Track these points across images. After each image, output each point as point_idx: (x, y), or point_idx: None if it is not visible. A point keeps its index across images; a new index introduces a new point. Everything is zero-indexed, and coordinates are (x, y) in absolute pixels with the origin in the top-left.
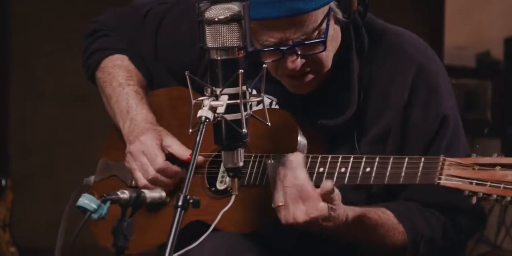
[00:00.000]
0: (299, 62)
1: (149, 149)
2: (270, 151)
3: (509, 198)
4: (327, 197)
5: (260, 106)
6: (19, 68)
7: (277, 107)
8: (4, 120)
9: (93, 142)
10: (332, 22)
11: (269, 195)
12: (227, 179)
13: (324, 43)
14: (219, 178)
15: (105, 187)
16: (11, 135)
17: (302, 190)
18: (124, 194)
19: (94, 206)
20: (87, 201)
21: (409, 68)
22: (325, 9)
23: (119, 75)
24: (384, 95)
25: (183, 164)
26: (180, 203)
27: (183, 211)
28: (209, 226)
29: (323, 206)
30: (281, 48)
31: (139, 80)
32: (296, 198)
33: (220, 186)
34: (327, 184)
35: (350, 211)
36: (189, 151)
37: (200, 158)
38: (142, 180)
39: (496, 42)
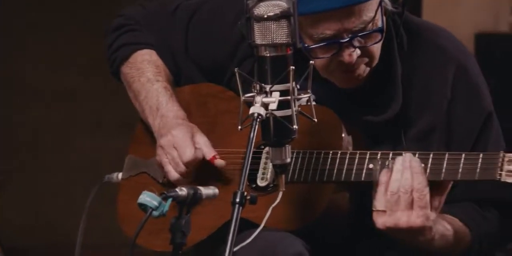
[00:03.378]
0: (355, 54)
1: (180, 142)
2: (313, 148)
3: None
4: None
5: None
6: (2, 65)
7: (314, 103)
8: None
9: (77, 141)
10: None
11: (316, 192)
12: (269, 175)
13: (382, 32)
14: (259, 175)
15: (135, 184)
16: None
17: (420, 196)
18: (183, 191)
19: (156, 203)
20: (148, 198)
21: (449, 65)
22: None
23: (148, 71)
24: (425, 91)
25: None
26: (238, 200)
27: (240, 208)
28: (252, 223)
29: (433, 215)
30: (341, 40)
31: (167, 76)
32: (407, 204)
33: (261, 183)
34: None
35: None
36: (214, 151)
37: (221, 162)
38: (173, 173)
39: (467, 37)
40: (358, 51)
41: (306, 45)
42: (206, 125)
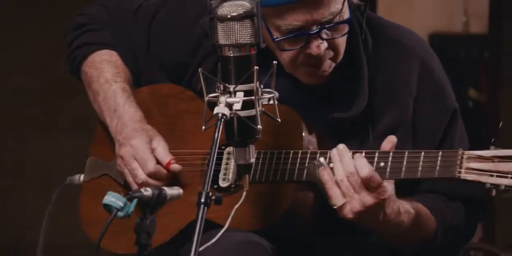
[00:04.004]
0: (323, 47)
1: (140, 154)
2: (274, 148)
3: None
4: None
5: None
6: None
7: (276, 102)
8: None
9: (28, 141)
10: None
11: (279, 192)
12: (231, 176)
13: (350, 23)
14: (221, 176)
15: (96, 186)
16: None
17: (367, 175)
18: (147, 192)
19: (121, 204)
20: (113, 199)
21: (413, 63)
22: None
23: (107, 71)
24: (391, 89)
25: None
26: (203, 200)
27: (205, 208)
28: (213, 224)
29: (390, 187)
30: (310, 32)
31: (127, 76)
32: (360, 185)
33: (223, 184)
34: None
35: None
36: (170, 157)
37: (176, 167)
38: (133, 185)
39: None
40: (325, 44)
41: (275, 37)
42: (166, 126)
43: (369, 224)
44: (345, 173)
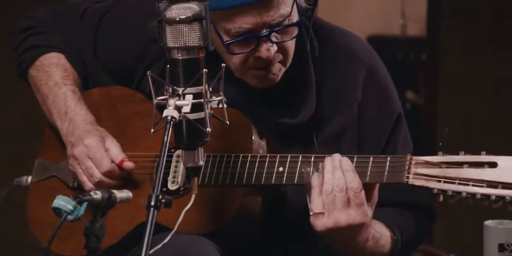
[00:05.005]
0: (273, 50)
1: (94, 152)
2: (224, 151)
3: (478, 196)
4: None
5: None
6: None
7: (225, 106)
8: None
9: None
10: None
11: (227, 196)
12: (179, 179)
13: (299, 26)
14: (170, 179)
15: (44, 188)
16: None
17: (355, 194)
18: (97, 195)
19: (70, 207)
20: (63, 202)
21: (359, 68)
22: None
23: (55, 74)
24: (337, 94)
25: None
26: (153, 203)
27: (156, 211)
28: (162, 227)
29: (371, 212)
30: (260, 35)
31: (76, 79)
32: (344, 202)
33: (172, 187)
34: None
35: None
36: (123, 155)
37: (129, 165)
38: (87, 184)
39: None
40: (275, 47)
41: (225, 40)
42: (116, 128)
43: (334, 243)
44: (334, 187)
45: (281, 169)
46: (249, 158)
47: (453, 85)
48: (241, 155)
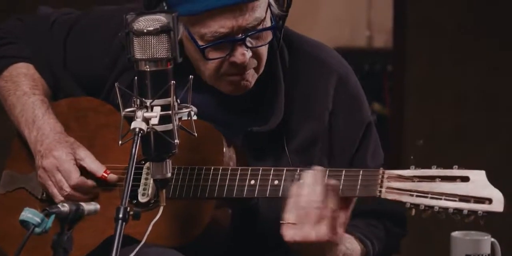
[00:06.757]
0: (248, 55)
1: (64, 165)
2: (195, 163)
3: (451, 210)
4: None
5: (183, 118)
6: None
7: (195, 118)
8: None
9: None
10: None
11: (198, 208)
12: (150, 191)
13: (275, 30)
14: (140, 191)
15: (11, 200)
16: None
17: (329, 211)
18: (65, 207)
19: (38, 220)
20: (30, 215)
21: (330, 77)
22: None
23: (24, 84)
24: (307, 103)
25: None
26: (121, 215)
27: (124, 224)
28: (132, 239)
29: (341, 231)
30: (235, 38)
31: (45, 89)
32: (317, 218)
33: (142, 199)
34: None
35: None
36: (104, 168)
37: (113, 176)
38: (58, 196)
39: None
40: (250, 52)
41: (200, 45)
42: (86, 139)
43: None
44: (312, 202)
45: (252, 182)
46: (220, 170)
47: (419, 96)
48: (212, 168)
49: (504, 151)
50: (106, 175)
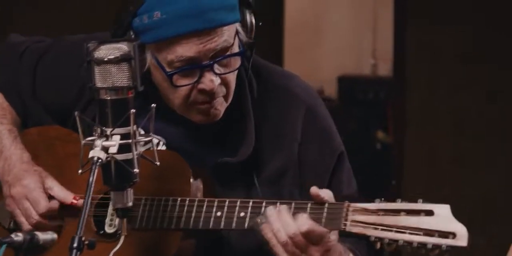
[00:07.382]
0: (216, 81)
1: (32, 193)
2: (162, 194)
3: (415, 244)
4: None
5: (147, 147)
6: None
7: (164, 148)
8: None
9: None
10: None
11: (164, 239)
12: (117, 221)
13: (243, 57)
14: (107, 221)
15: None
16: None
17: (308, 233)
18: (18, 237)
19: None
20: None
21: (299, 109)
22: (235, 26)
23: None
24: (276, 135)
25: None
26: (75, 245)
27: (78, 253)
28: None
29: (334, 237)
30: (203, 64)
31: (13, 118)
32: (303, 244)
33: (109, 229)
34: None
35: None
36: (72, 195)
37: (79, 202)
38: (25, 225)
39: (329, 80)
40: (218, 79)
41: (168, 71)
42: (55, 168)
43: None
44: (288, 235)
45: (219, 213)
46: (187, 202)
47: (420, 123)
48: (179, 199)
49: (503, 178)
50: (75, 201)
